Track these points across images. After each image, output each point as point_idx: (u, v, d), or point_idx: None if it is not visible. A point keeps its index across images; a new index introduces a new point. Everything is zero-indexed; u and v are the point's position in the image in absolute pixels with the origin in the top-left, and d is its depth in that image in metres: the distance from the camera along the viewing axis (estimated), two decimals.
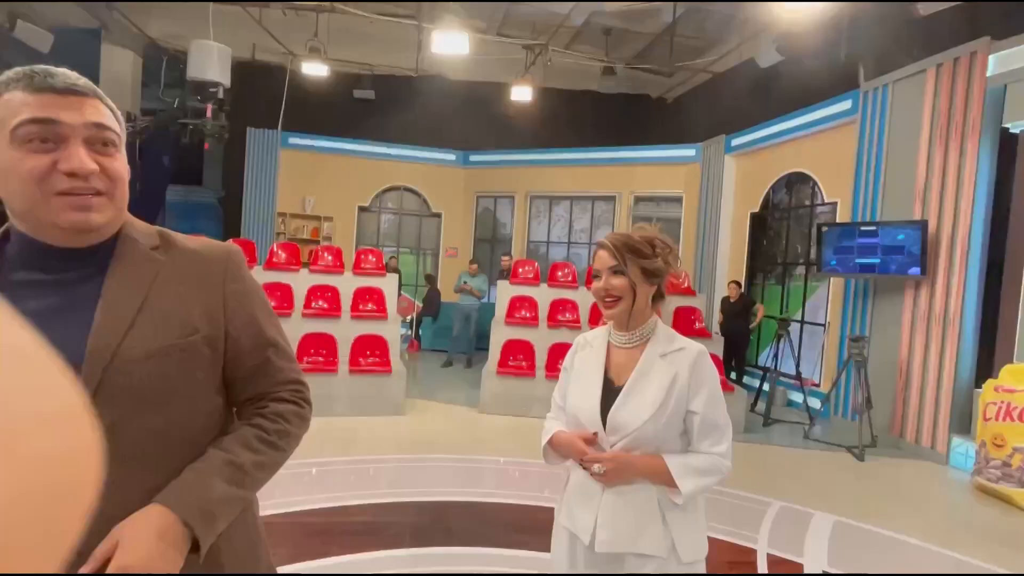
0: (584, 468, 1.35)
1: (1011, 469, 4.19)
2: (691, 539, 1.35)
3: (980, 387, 4.76)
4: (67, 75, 0.76)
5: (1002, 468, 4.25)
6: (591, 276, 1.45)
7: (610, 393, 1.38)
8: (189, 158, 12.48)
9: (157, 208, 10.44)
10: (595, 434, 1.36)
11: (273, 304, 4.60)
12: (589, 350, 1.48)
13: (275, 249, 6.50)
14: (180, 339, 0.82)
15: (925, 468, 5.02)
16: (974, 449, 4.61)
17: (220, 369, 0.90)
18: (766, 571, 2.99)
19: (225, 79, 6.88)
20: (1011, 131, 4.91)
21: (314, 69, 8.83)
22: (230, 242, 0.98)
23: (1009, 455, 4.20)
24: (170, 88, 9.19)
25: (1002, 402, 4.33)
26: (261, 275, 6.06)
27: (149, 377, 0.79)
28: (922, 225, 5.32)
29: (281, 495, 3.50)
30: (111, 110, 0.80)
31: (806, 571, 3.01)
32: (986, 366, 5.10)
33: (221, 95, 6.78)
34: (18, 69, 0.76)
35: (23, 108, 0.72)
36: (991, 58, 4.95)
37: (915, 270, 5.36)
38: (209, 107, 6.68)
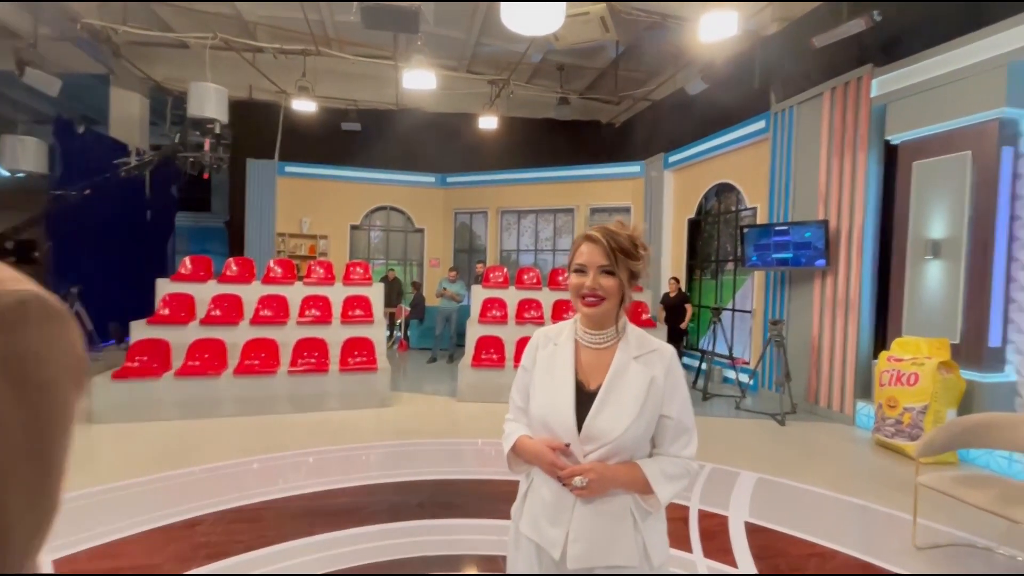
0: (561, 482, 1.12)
1: (903, 426, 4.32)
2: (659, 542, 1.17)
3: (876, 358, 4.90)
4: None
5: (895, 425, 4.38)
6: (572, 269, 1.18)
7: (583, 397, 1.14)
8: (198, 188, 12.27)
9: (167, 232, 10.22)
10: (568, 445, 1.12)
11: (270, 314, 4.48)
12: (553, 348, 1.21)
13: (271, 265, 6.40)
14: None
15: (835, 429, 5.15)
16: (873, 410, 4.75)
17: None
18: (696, 523, 3.03)
19: (222, 116, 6.75)
20: (892, 143, 5.08)
21: (304, 106, 8.73)
22: None
23: (900, 414, 4.34)
24: (175, 126, 9.01)
25: (893, 370, 4.47)
26: (259, 289, 5.97)
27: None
28: (825, 224, 5.47)
29: (281, 482, 3.46)
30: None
31: (730, 521, 3.06)
32: (880, 340, 5.25)
33: (218, 130, 6.64)
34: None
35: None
36: (874, 82, 5.12)
37: (821, 262, 5.51)
38: (207, 141, 6.54)
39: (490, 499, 3.21)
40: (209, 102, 6.66)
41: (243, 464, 3.81)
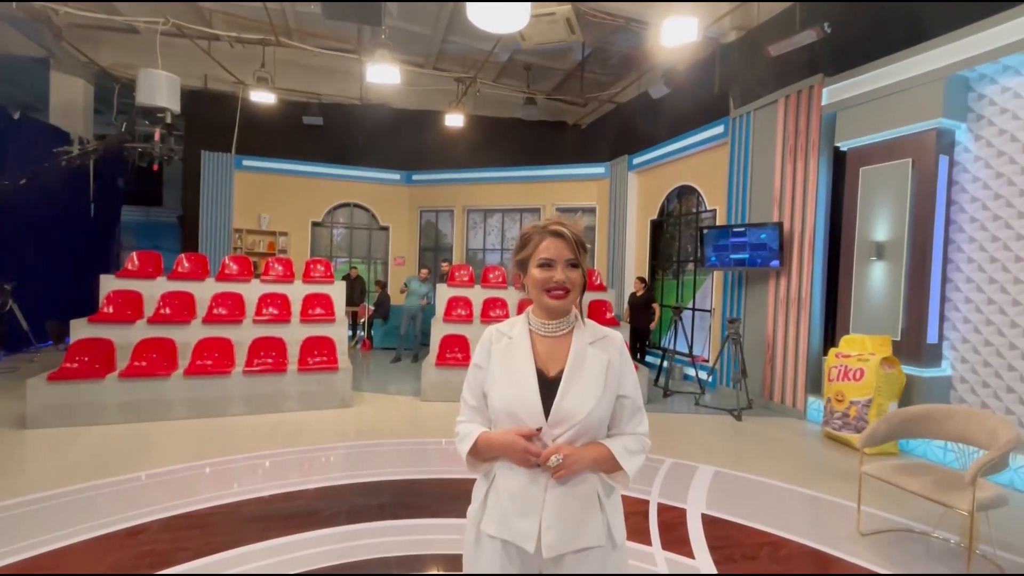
0: (537, 465, 1.12)
1: (849, 419, 4.54)
2: (620, 521, 1.22)
3: (826, 355, 5.13)
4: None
5: (843, 418, 4.59)
6: (535, 264, 1.19)
7: (545, 384, 1.17)
8: (147, 180, 11.70)
9: (112, 227, 9.68)
10: (539, 429, 1.14)
11: (224, 313, 4.33)
12: (508, 341, 1.23)
13: (227, 262, 6.15)
14: None
15: (788, 423, 5.35)
16: (823, 405, 4.96)
17: None
18: (656, 516, 3.08)
19: (174, 105, 6.42)
20: (841, 149, 5.32)
21: (263, 97, 8.44)
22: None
23: (847, 408, 4.55)
24: (123, 114, 8.53)
25: (841, 365, 4.69)
26: (213, 286, 5.73)
27: None
28: (779, 226, 5.68)
29: (235, 486, 3.32)
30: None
31: (688, 514, 3.14)
32: (830, 337, 5.50)
33: (169, 120, 6.32)
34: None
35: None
36: (824, 91, 5.36)
37: (775, 263, 5.72)
38: (157, 131, 6.22)
39: (453, 498, 3.18)
40: (160, 90, 6.33)
41: (193, 468, 3.64)
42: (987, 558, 2.70)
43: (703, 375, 6.80)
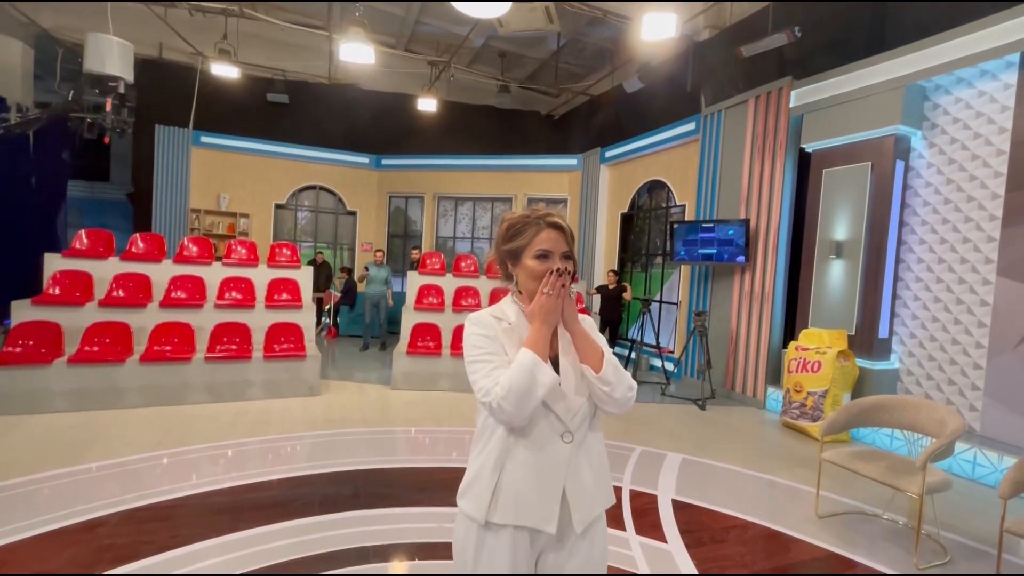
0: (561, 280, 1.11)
1: (806, 408, 4.77)
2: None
3: (786, 348, 5.36)
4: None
5: (800, 408, 4.83)
6: (531, 255, 1.18)
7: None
8: (93, 154, 10.95)
9: (57, 203, 9.03)
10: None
11: (183, 296, 4.13)
12: (509, 327, 1.21)
13: (185, 243, 5.85)
14: None
15: (749, 412, 5.58)
16: (782, 395, 5.20)
17: None
18: (629, 503, 3.16)
19: (127, 74, 5.99)
20: (806, 151, 5.53)
21: (224, 71, 8.01)
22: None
23: (804, 398, 4.79)
24: (67, 81, 7.92)
25: (800, 358, 4.91)
26: (170, 268, 5.45)
27: None
28: (745, 223, 5.87)
29: (197, 477, 3.19)
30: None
31: (659, 499, 3.23)
32: (790, 331, 5.75)
33: (122, 90, 5.90)
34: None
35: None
36: (792, 93, 5.54)
37: (741, 258, 5.91)
38: (109, 101, 5.79)
39: (426, 487, 3.16)
40: (111, 57, 5.88)
41: (150, 459, 3.47)
42: (932, 537, 2.91)
43: (669, 366, 6.99)
